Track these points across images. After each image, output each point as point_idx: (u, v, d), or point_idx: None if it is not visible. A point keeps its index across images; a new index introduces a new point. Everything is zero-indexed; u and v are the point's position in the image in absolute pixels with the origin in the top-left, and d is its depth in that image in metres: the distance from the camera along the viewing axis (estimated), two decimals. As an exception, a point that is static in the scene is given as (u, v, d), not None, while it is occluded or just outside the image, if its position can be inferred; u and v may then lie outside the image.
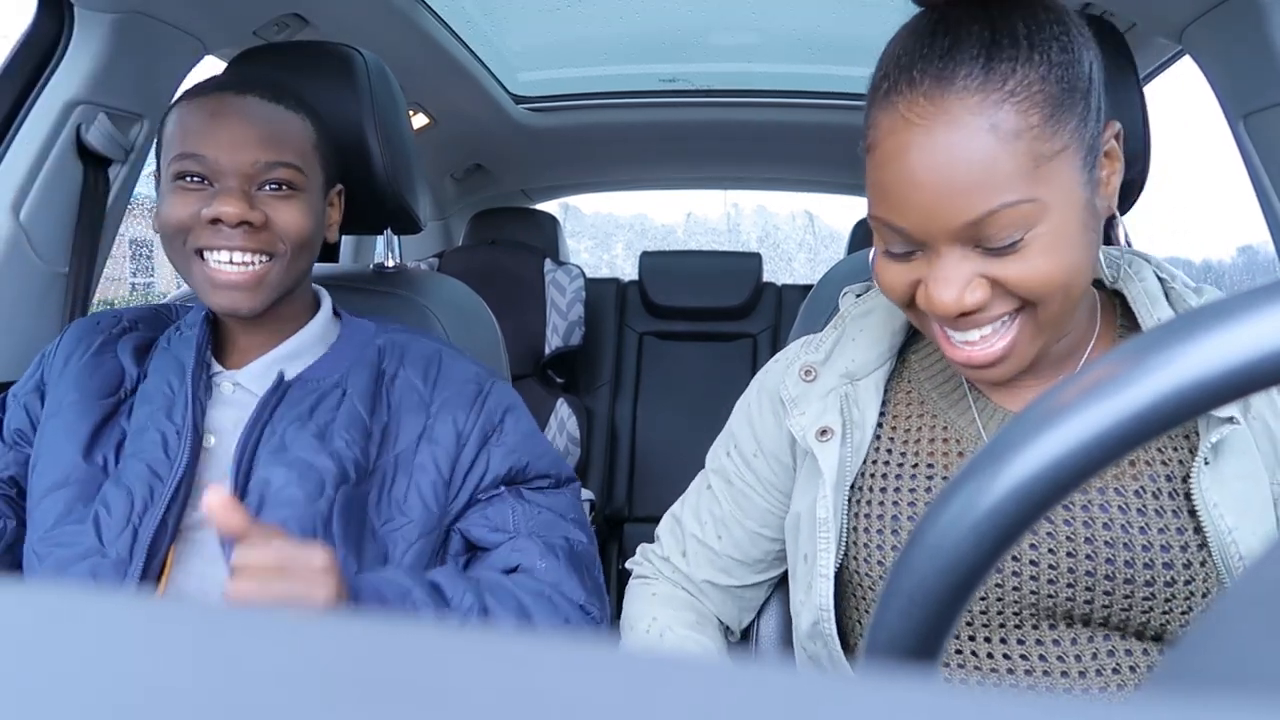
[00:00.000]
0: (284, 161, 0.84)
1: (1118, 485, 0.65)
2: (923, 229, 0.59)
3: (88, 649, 0.13)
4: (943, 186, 0.57)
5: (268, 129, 0.84)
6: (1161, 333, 0.28)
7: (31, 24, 1.11)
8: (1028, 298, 0.60)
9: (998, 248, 0.58)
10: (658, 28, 1.86)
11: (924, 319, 0.65)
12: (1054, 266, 0.59)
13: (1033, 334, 0.62)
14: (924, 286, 0.62)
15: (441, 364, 0.91)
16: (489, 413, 0.90)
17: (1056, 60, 0.57)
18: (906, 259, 0.63)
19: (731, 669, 0.13)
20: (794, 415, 0.74)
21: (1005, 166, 0.56)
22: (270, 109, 0.85)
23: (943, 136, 0.57)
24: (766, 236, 8.23)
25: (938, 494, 0.32)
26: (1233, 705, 0.12)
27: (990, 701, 0.12)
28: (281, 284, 0.86)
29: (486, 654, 0.13)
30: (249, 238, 0.82)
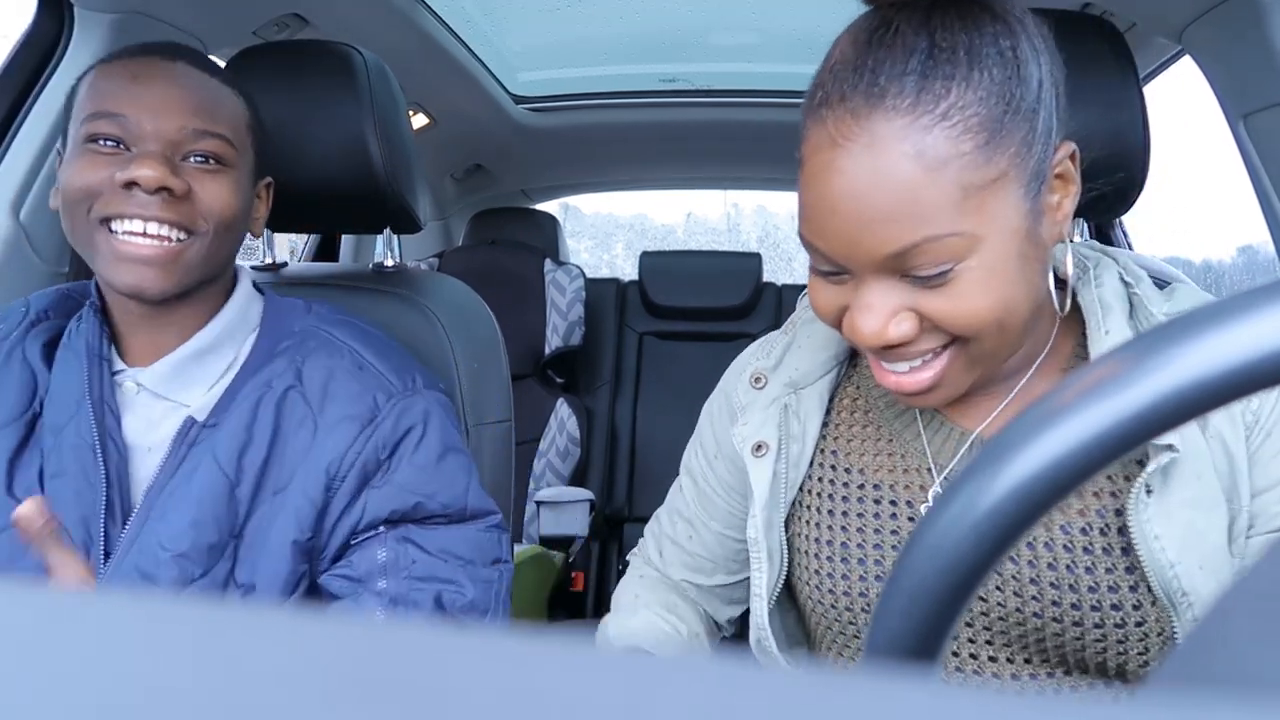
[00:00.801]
0: (215, 132, 0.75)
1: (1064, 522, 0.62)
2: (845, 256, 0.56)
3: (87, 649, 0.13)
4: (864, 215, 0.54)
5: (200, 96, 0.75)
6: (1162, 333, 0.28)
7: (31, 24, 1.11)
8: (957, 333, 0.56)
9: (924, 277, 0.55)
10: (658, 28, 1.86)
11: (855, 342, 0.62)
12: (986, 302, 0.55)
13: (965, 366, 0.58)
14: (849, 314, 0.58)
15: (333, 379, 0.79)
16: (377, 444, 0.77)
17: (999, 78, 0.53)
18: (835, 280, 0.59)
19: (731, 669, 0.13)
20: (738, 425, 0.71)
21: (930, 197, 0.52)
22: (203, 78, 0.77)
23: (866, 161, 0.53)
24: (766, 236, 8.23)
25: (941, 492, 0.32)
26: (1233, 705, 0.12)
27: (990, 701, 0.12)
28: (198, 269, 0.76)
29: (486, 654, 0.13)
30: (167, 208, 0.72)
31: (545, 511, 1.81)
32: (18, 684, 0.12)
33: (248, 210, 0.82)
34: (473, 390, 1.02)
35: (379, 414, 0.78)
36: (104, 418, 0.77)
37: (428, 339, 1.02)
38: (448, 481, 0.80)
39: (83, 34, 1.11)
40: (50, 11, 1.11)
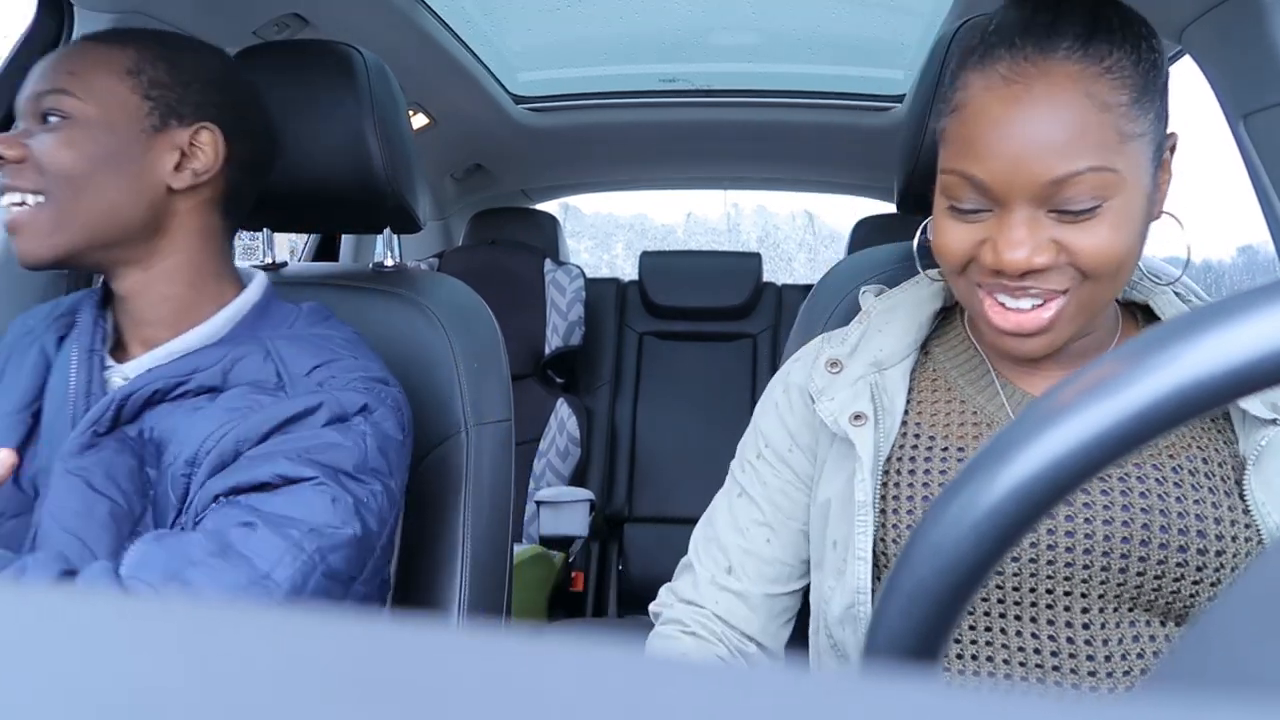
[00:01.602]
0: (56, 89, 0.74)
1: (1155, 462, 0.66)
2: (1005, 183, 0.61)
3: (84, 649, 0.13)
4: (1035, 141, 0.60)
5: (63, 60, 0.76)
6: (1162, 332, 0.28)
7: (31, 24, 1.11)
8: (1089, 270, 0.62)
9: (1073, 212, 0.61)
10: (658, 28, 1.86)
11: (970, 289, 0.67)
12: (1119, 242, 0.61)
13: (1076, 311, 0.64)
14: (990, 245, 0.63)
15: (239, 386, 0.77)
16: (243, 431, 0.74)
17: (1144, 55, 0.62)
18: (973, 218, 0.64)
19: (731, 670, 0.13)
20: (823, 402, 0.74)
21: (1095, 133, 0.60)
22: (81, 45, 0.78)
23: (1042, 94, 0.60)
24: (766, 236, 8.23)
25: (937, 495, 0.32)
26: (1233, 705, 0.12)
27: (990, 701, 0.12)
28: (70, 228, 0.75)
29: (486, 654, 0.13)
30: (14, 177, 0.74)
31: (545, 511, 1.81)
32: (17, 684, 0.12)
33: (124, 160, 0.77)
34: (473, 390, 1.02)
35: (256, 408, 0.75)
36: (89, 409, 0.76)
37: (428, 339, 1.02)
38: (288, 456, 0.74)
39: (82, 34, 1.11)
40: (50, 11, 1.11)
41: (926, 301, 0.78)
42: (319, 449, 0.74)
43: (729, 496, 0.82)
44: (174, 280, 0.81)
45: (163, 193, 0.78)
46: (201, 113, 0.80)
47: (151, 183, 0.78)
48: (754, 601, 0.78)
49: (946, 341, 0.78)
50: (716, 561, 0.80)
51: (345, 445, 0.75)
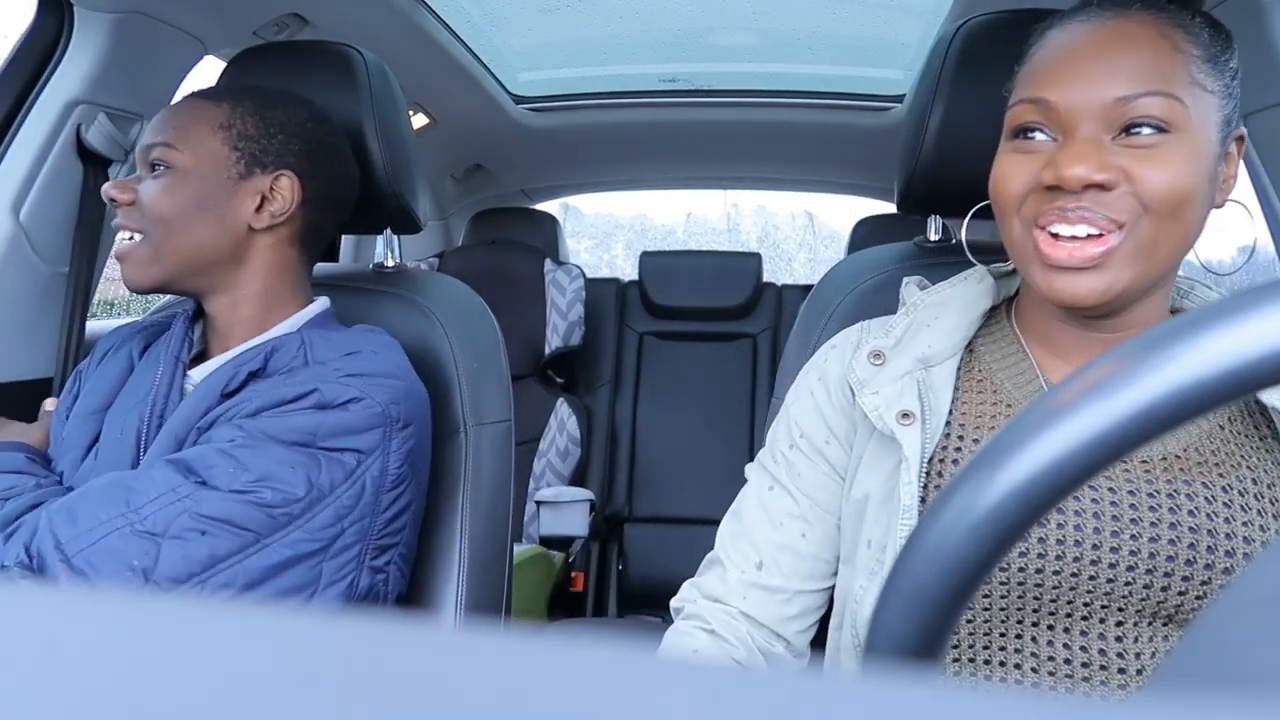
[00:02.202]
0: (161, 142, 0.87)
1: (1205, 479, 0.64)
2: (1074, 100, 0.62)
3: (87, 649, 0.13)
4: (1106, 61, 0.62)
5: (169, 115, 0.89)
6: (1162, 332, 0.28)
7: (31, 24, 1.11)
8: (1150, 201, 0.61)
9: (1139, 134, 0.61)
10: (658, 28, 1.86)
11: (1025, 229, 0.66)
12: (1182, 181, 0.61)
13: (1132, 251, 0.62)
14: (1051, 165, 0.63)
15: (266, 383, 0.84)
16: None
17: (1216, 34, 0.64)
18: (1036, 148, 0.65)
19: (730, 670, 0.13)
20: (866, 394, 0.72)
21: (1168, 66, 0.61)
22: (188, 102, 0.90)
23: (1116, 29, 0.62)
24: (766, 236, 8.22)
25: (940, 493, 0.32)
26: (1233, 705, 0.12)
27: (990, 701, 0.12)
28: (161, 263, 0.87)
29: (486, 654, 0.13)
30: (124, 218, 0.87)
31: (545, 511, 1.81)
32: (17, 684, 0.12)
33: (212, 205, 0.88)
34: (473, 390, 1.02)
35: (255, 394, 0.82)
36: (165, 410, 0.86)
37: (428, 339, 1.02)
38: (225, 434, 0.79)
39: (83, 34, 1.11)
40: (50, 11, 1.11)
41: (978, 299, 0.76)
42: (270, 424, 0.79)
43: (759, 489, 0.78)
44: (252, 304, 0.91)
45: (244, 231, 0.89)
46: (282, 161, 0.91)
47: (235, 223, 0.89)
48: (785, 598, 0.75)
49: (992, 339, 0.76)
50: (746, 557, 0.76)
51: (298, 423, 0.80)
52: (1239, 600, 0.21)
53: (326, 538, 0.79)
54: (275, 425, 0.79)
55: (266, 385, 0.83)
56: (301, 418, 0.80)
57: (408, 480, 0.87)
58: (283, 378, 0.83)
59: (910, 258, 0.99)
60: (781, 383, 0.93)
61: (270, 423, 0.79)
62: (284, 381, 0.82)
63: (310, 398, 0.81)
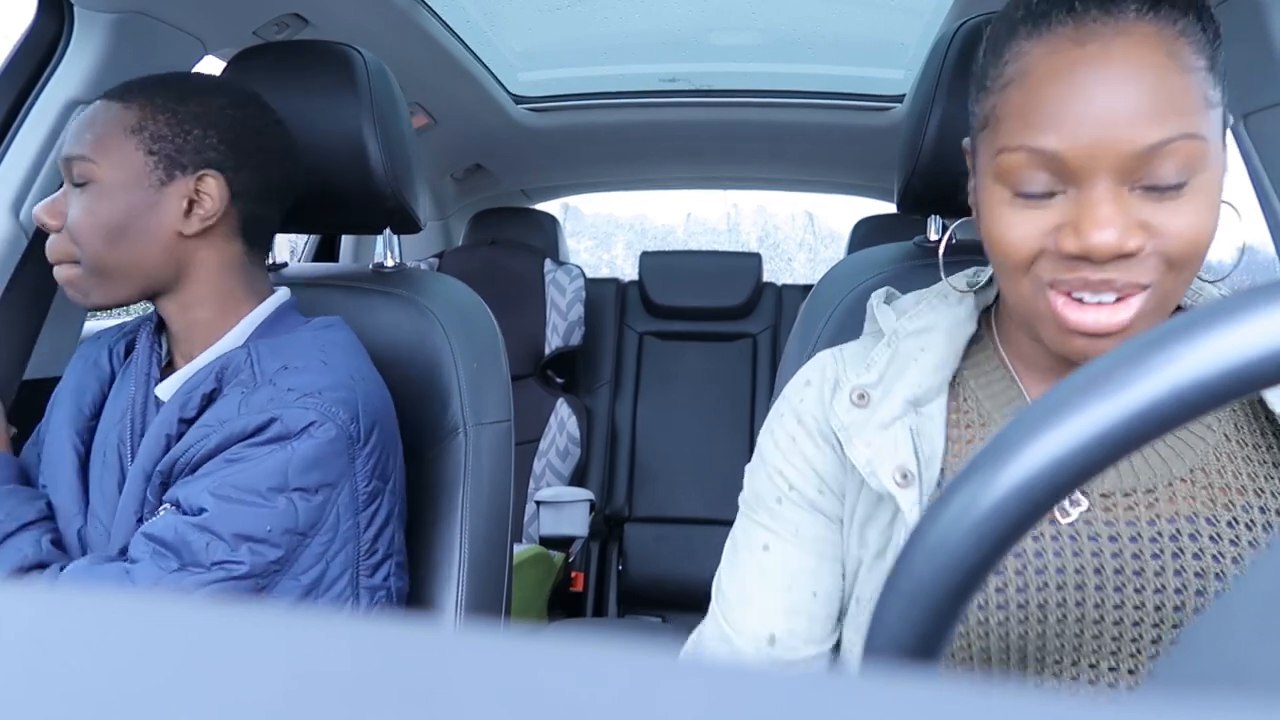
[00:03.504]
0: (78, 155, 0.82)
1: (1209, 514, 0.58)
2: (1087, 154, 0.53)
3: (87, 649, 0.13)
4: (1121, 106, 0.52)
5: (80, 125, 0.83)
6: (1162, 332, 0.28)
7: (31, 24, 1.11)
8: (1177, 257, 0.54)
9: (1163, 188, 0.53)
10: (658, 28, 1.86)
11: (1036, 290, 0.57)
12: (1207, 224, 0.54)
13: (1155, 308, 0.55)
14: (1069, 229, 0.54)
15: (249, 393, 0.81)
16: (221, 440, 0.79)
17: (1208, 23, 0.55)
18: (1042, 203, 0.55)
19: (731, 670, 0.13)
20: (855, 445, 0.63)
21: (1182, 97, 0.52)
22: (95, 107, 0.84)
23: (1121, 54, 0.52)
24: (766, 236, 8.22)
25: (938, 494, 0.32)
26: (1233, 705, 0.12)
27: (990, 702, 0.12)
28: (115, 281, 0.83)
29: (486, 654, 0.13)
30: (51, 247, 0.83)
31: (545, 511, 1.81)
32: (17, 684, 0.12)
33: (139, 216, 0.82)
34: (473, 390, 1.02)
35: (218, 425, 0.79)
36: (143, 428, 0.85)
37: (428, 339, 1.02)
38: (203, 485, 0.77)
39: (83, 34, 1.11)
40: (50, 11, 1.11)
41: (961, 324, 0.68)
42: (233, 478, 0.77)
43: (751, 549, 0.69)
44: (205, 306, 0.87)
45: (175, 239, 0.84)
46: (201, 159, 0.84)
47: (164, 233, 0.84)
48: (802, 666, 0.67)
49: (977, 366, 0.68)
50: (756, 633, 0.67)
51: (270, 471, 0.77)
52: (1239, 600, 0.21)
53: (312, 578, 0.79)
54: (244, 478, 0.76)
55: (224, 408, 0.80)
56: (269, 460, 0.77)
57: (380, 493, 0.85)
58: (240, 400, 0.80)
59: (910, 258, 0.99)
60: (781, 383, 0.93)
61: (239, 476, 0.76)
62: (241, 406, 0.79)
63: (270, 429, 0.78)
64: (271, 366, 0.82)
